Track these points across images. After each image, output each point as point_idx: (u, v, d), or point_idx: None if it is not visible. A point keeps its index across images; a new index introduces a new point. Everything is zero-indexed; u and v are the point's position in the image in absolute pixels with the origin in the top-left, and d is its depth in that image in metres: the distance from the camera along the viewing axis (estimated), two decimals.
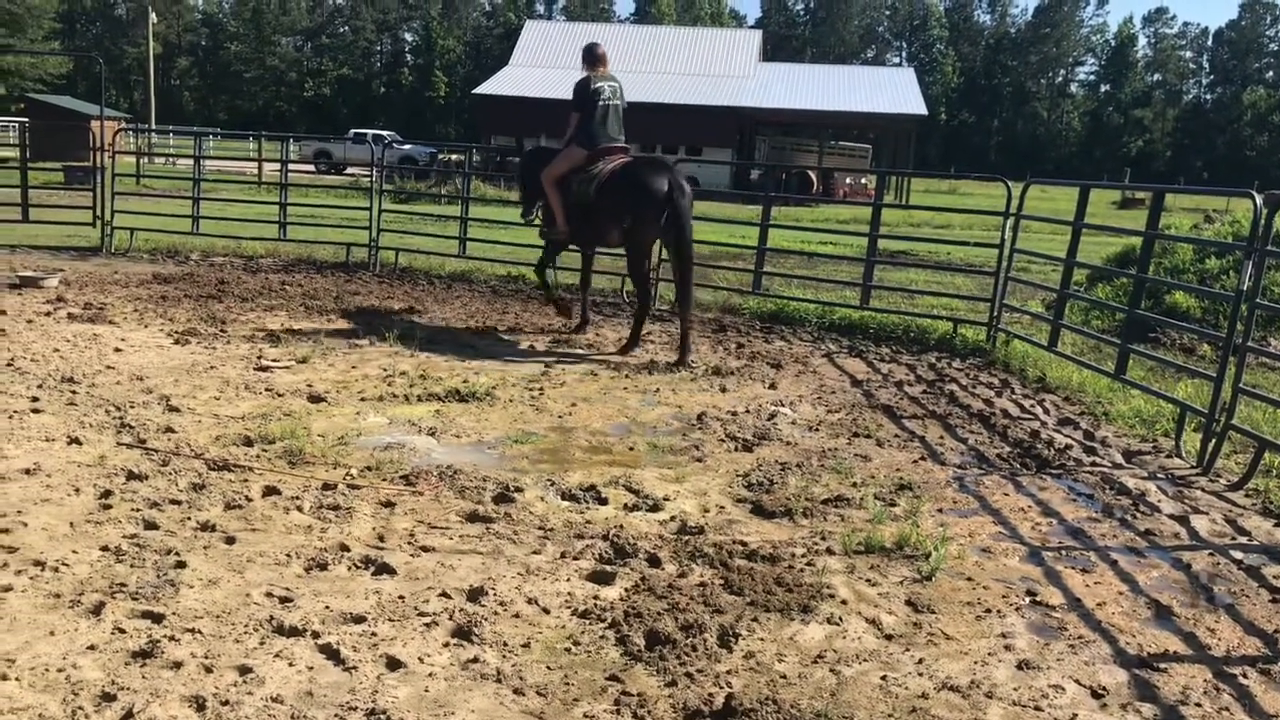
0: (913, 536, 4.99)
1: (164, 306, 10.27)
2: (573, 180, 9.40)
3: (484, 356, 8.93)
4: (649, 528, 5.04)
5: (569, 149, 9.49)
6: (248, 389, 7.26)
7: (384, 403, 7.14)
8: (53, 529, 4.57)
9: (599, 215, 9.24)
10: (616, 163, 9.34)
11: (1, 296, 10.39)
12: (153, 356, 8.13)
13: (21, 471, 5.25)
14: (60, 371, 7.37)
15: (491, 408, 7.18)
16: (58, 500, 4.92)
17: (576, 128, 9.49)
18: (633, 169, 9.19)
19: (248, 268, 13.44)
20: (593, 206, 9.25)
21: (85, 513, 4.78)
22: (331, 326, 9.79)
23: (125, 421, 6.24)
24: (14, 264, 12.50)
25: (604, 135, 9.48)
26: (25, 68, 70.10)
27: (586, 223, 9.42)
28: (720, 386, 8.20)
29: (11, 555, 4.27)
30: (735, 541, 4.90)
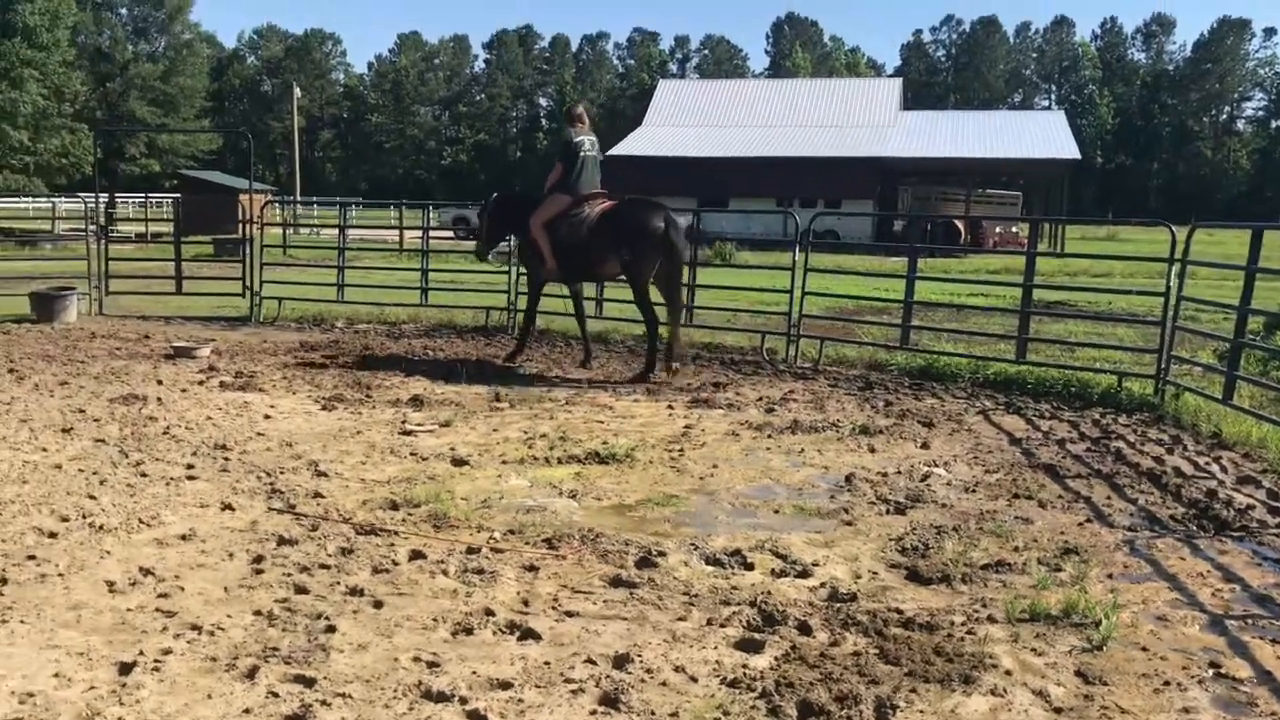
0: (1081, 603, 4.80)
1: (311, 374, 10.72)
2: (560, 224, 10.87)
3: (621, 417, 9.02)
4: (798, 594, 4.99)
5: (555, 196, 10.97)
6: (393, 453, 7.50)
7: (525, 465, 7.27)
8: (208, 593, 4.79)
9: (593, 252, 10.76)
10: (604, 205, 10.92)
11: (158, 366, 11.02)
12: (301, 423, 8.49)
13: (179, 537, 5.53)
14: (213, 439, 7.75)
15: (631, 469, 7.23)
16: (213, 565, 5.16)
17: (560, 178, 11.01)
18: (629, 209, 10.86)
19: (391, 334, 13.94)
20: (585, 244, 10.76)
21: (239, 577, 5.00)
22: (472, 390, 10.05)
23: (275, 487, 6.52)
24: (169, 335, 13.25)
25: (585, 183, 11.03)
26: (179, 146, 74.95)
27: (577, 260, 10.93)
28: (869, 446, 8.08)
29: (170, 619, 4.49)
30: (890, 609, 4.80)
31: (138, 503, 6.10)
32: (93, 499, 6.13)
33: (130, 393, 9.32)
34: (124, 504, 6.06)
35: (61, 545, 5.35)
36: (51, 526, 5.61)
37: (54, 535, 5.49)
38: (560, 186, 11.01)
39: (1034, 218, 20.32)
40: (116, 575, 4.96)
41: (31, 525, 5.62)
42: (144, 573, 5.00)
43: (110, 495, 6.22)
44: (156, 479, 6.63)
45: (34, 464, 6.89)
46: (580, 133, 11.10)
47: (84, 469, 6.80)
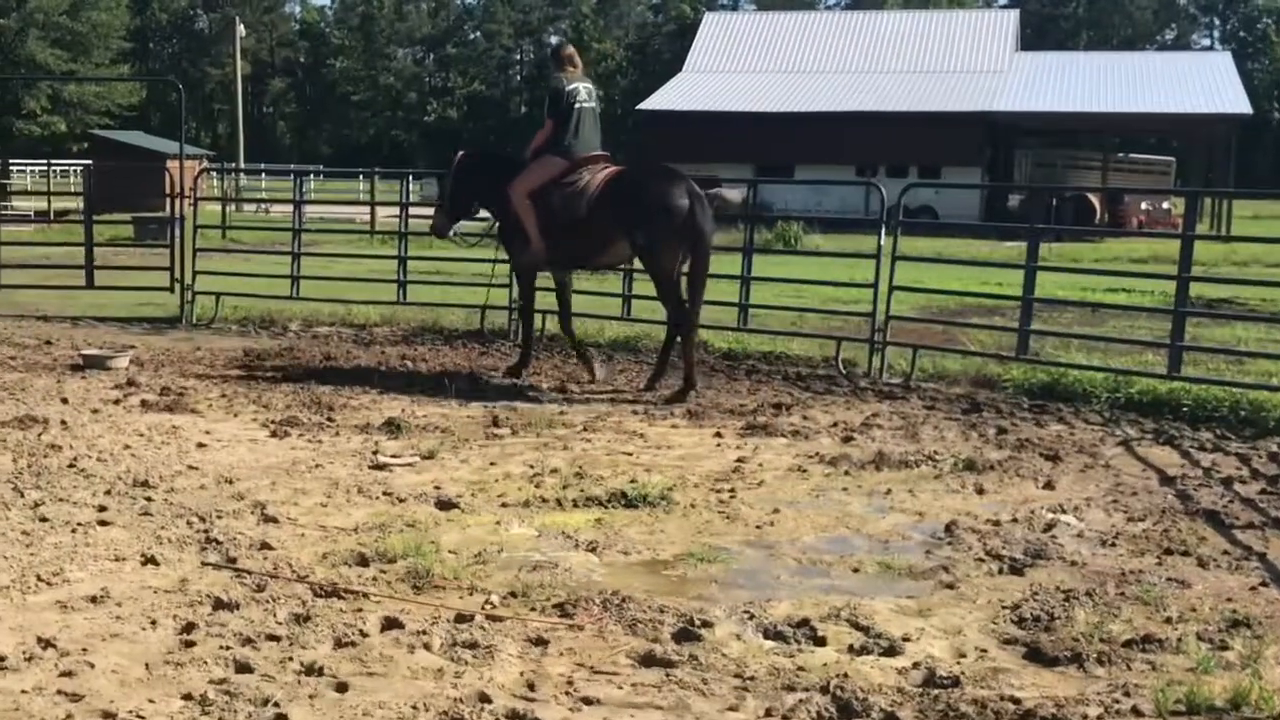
0: (1253, 692, 4.75)
1: (257, 390, 10.80)
2: (551, 194, 10.84)
3: (655, 447, 9.04)
4: (883, 677, 4.97)
5: (544, 159, 10.99)
6: (361, 493, 7.54)
7: (531, 509, 7.29)
8: (124, 671, 4.82)
9: (594, 232, 10.76)
10: (608, 171, 10.94)
11: (62, 380, 11.15)
12: (244, 453, 8.55)
13: (87, 599, 5.58)
14: (132, 473, 7.81)
15: (668, 515, 7.24)
16: (130, 635, 5.19)
17: (551, 136, 10.99)
18: (642, 178, 11.08)
19: (359, 339, 14.06)
20: (584, 222, 10.71)
21: (164, 651, 5.03)
22: (464, 412, 10.10)
23: (211, 536, 6.56)
24: (77, 340, 13.41)
25: (583, 143, 11.03)
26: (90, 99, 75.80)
27: (572, 241, 10.92)
28: (975, 486, 8.05)
29: (76, 705, 4.52)
30: (1004, 697, 4.77)
31: (35, 555, 6.15)
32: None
33: (27, 414, 9.42)
34: (18, 556, 6.11)
35: None
36: None
37: None
38: (551, 147, 11.03)
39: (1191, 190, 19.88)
40: (8, 647, 4.99)
41: None
42: (43, 644, 5.03)
43: (0, 545, 6.28)
44: (59, 524, 6.68)
45: None
46: (572, 79, 11.18)
47: None
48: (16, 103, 68.92)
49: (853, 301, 15.82)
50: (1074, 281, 19.47)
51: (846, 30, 59.78)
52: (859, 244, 21.51)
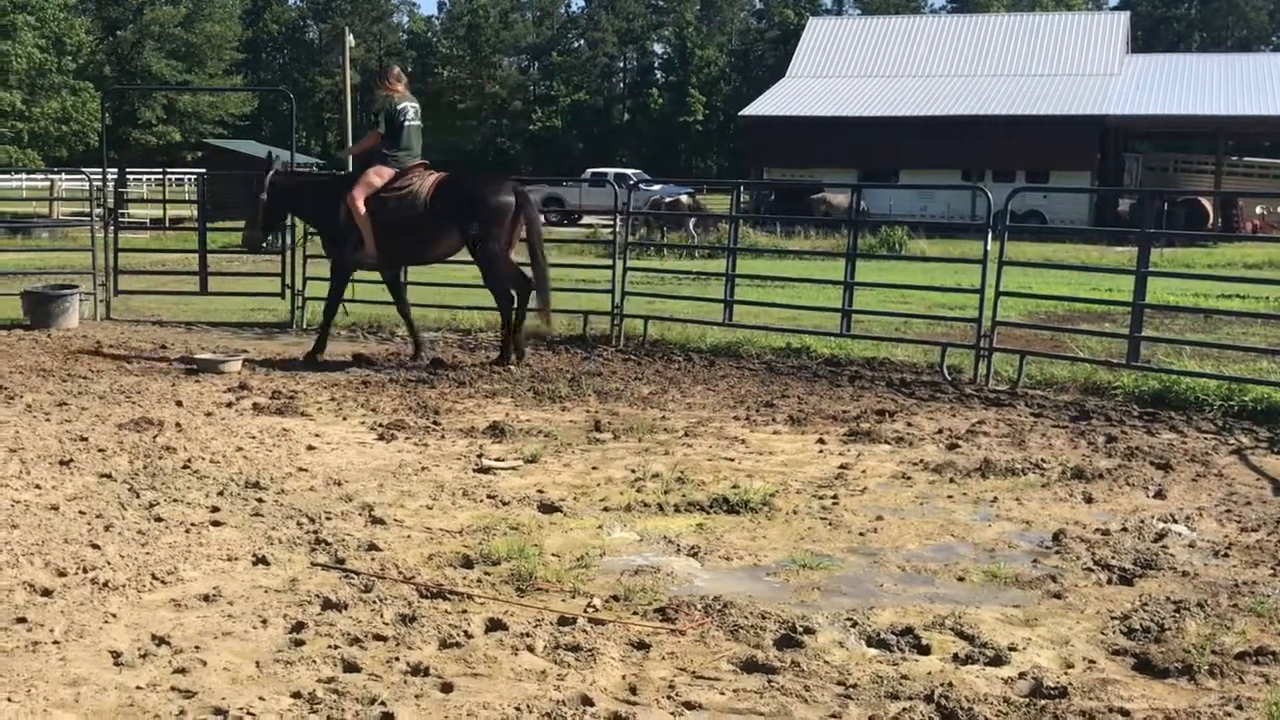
0: None
1: (365, 394, 10.98)
2: (385, 201, 12.23)
3: (757, 453, 9.02)
4: (989, 687, 4.91)
5: (375, 168, 12.40)
6: (466, 495, 7.62)
7: (632, 513, 7.32)
8: (236, 669, 4.92)
9: (427, 231, 12.27)
10: (436, 177, 12.49)
11: (177, 384, 11.40)
12: (352, 455, 8.69)
13: (200, 598, 5.70)
14: (244, 475, 7.97)
15: (770, 521, 7.22)
16: (241, 634, 5.30)
17: (379, 147, 12.57)
18: (474, 182, 12.72)
19: (464, 344, 14.20)
20: (418, 222, 12.19)
21: (274, 650, 5.13)
22: (566, 417, 10.16)
23: (320, 537, 6.67)
24: (191, 344, 13.70)
25: (408, 154, 12.62)
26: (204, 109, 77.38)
27: (408, 239, 12.36)
28: (1084, 495, 7.93)
29: (189, 701, 4.62)
30: (1112, 709, 4.69)
31: (151, 554, 6.31)
32: (96, 548, 6.36)
33: (143, 416, 9.66)
34: (134, 555, 6.27)
35: (58, 605, 5.56)
36: (46, 582, 5.83)
37: (49, 593, 5.71)
38: (380, 158, 12.50)
39: None
40: (124, 644, 5.13)
41: (22, 580, 5.85)
42: (157, 642, 5.16)
43: (117, 544, 6.45)
44: (174, 524, 6.84)
45: (25, 504, 7.19)
46: (401, 98, 12.65)
47: (86, 511, 7.06)
48: (133, 113, 70.54)
49: (958, 307, 15.65)
50: (1186, 287, 19.09)
51: (952, 34, 59.12)
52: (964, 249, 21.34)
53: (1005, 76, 53.34)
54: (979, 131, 48.23)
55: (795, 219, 35.13)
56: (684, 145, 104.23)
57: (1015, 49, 55.81)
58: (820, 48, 58.97)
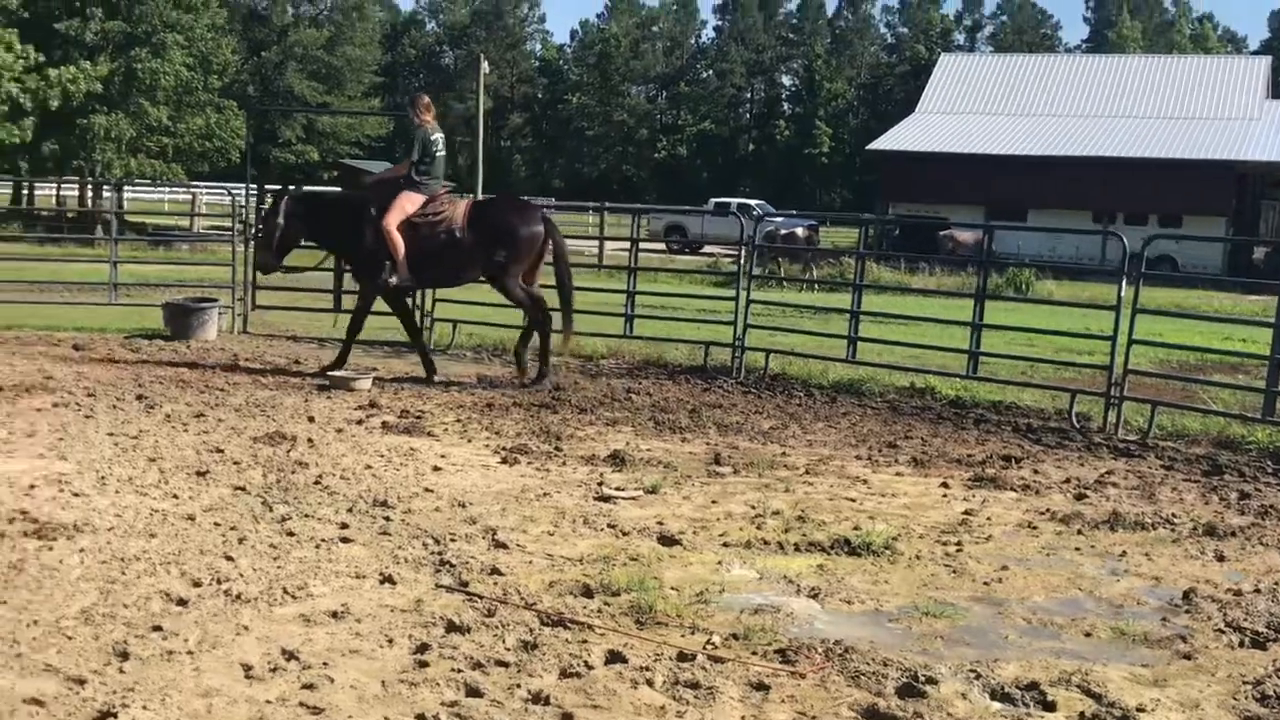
0: None
1: (490, 417, 11.09)
2: (419, 225, 12.68)
3: (879, 494, 8.93)
4: None
5: (405, 194, 12.79)
6: (586, 523, 7.66)
7: (752, 550, 7.28)
8: (362, 688, 4.99)
9: (462, 255, 12.76)
10: (467, 203, 13.14)
11: (309, 399, 11.62)
12: (476, 478, 8.78)
13: (328, 614, 5.79)
14: (372, 493, 8.10)
15: (892, 565, 7.14)
16: (368, 652, 5.37)
17: (410, 174, 12.99)
18: (503, 208, 13.45)
19: (586, 370, 14.28)
20: (452, 247, 12.68)
21: (399, 670, 5.18)
22: (686, 448, 10.16)
23: (445, 558, 6.75)
24: (323, 361, 13.94)
25: (437, 182, 13.21)
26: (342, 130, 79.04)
27: (437, 265, 12.89)
28: (1216, 553, 7.71)
29: (315, 718, 4.70)
30: None
31: (282, 568, 6.43)
32: (230, 560, 6.50)
33: (277, 430, 9.87)
34: (266, 569, 6.40)
35: (192, 615, 5.69)
36: (181, 592, 5.97)
37: (184, 603, 5.84)
38: (411, 185, 12.91)
39: None
40: (254, 657, 5.23)
41: (159, 589, 6.00)
42: (287, 656, 5.25)
43: (250, 557, 6.59)
44: (305, 540, 6.98)
45: (163, 514, 7.37)
46: (432, 129, 13.11)
47: (221, 523, 7.23)
48: (274, 132, 72.26)
49: (1086, 353, 15.39)
50: None
51: (1087, 74, 58.21)
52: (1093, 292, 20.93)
53: (1140, 118, 52.37)
54: (1112, 173, 47.41)
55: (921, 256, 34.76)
56: (809, 177, 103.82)
57: (1152, 91, 54.79)
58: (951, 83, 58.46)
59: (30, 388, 11.29)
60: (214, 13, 53.64)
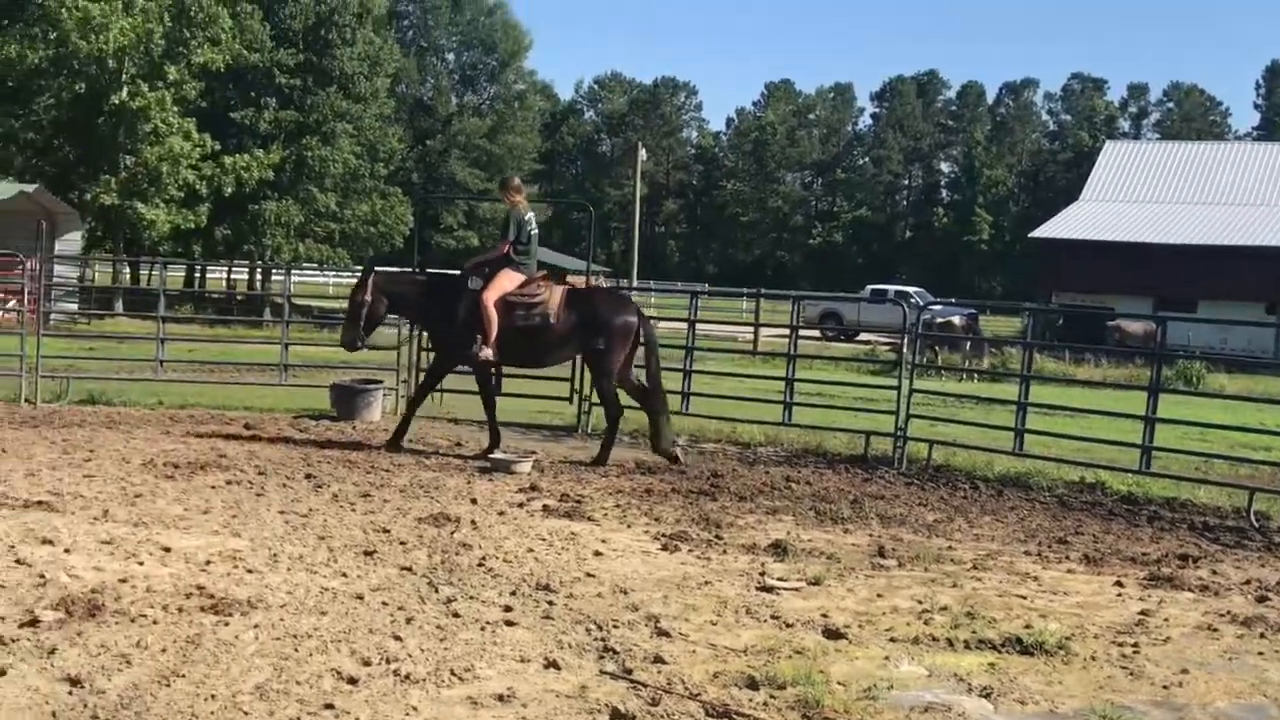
0: None
1: (649, 503, 11.12)
2: (513, 305, 13.06)
3: (1050, 592, 8.71)
4: None
5: (506, 272, 13.22)
6: (749, 614, 7.60)
7: (920, 646, 7.15)
8: None
9: (552, 340, 13.29)
10: (563, 290, 13.42)
11: (471, 481, 11.80)
12: (637, 564, 8.80)
13: (495, 697, 5.84)
14: (535, 577, 8.17)
15: (1066, 665, 6.94)
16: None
17: (508, 254, 13.39)
18: (599, 299, 13.85)
19: (744, 458, 14.24)
20: (545, 332, 13.15)
21: None
22: (849, 540, 10.04)
23: (608, 645, 6.75)
24: (484, 443, 14.14)
25: (534, 262, 13.69)
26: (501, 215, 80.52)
27: (527, 346, 13.28)
28: None
29: None
30: None
31: (449, 650, 6.50)
32: (398, 640, 6.60)
33: (441, 512, 10.03)
34: (433, 649, 6.48)
35: (363, 694, 5.78)
36: (352, 670, 6.07)
37: (354, 681, 5.94)
38: (509, 264, 13.33)
39: None
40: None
41: (330, 666, 6.12)
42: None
43: (418, 637, 6.68)
44: (470, 621, 7.05)
45: (333, 592, 7.53)
46: (525, 209, 13.58)
47: (388, 602, 7.35)
48: (436, 217, 74.05)
49: (1263, 449, 14.88)
50: None
51: (1257, 161, 56.78)
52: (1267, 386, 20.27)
53: None
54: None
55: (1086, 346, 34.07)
56: (967, 264, 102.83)
57: None
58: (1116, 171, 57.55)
59: (205, 465, 11.68)
60: (382, 103, 55.56)
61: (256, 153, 46.13)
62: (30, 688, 5.59)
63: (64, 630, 6.40)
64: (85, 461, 11.67)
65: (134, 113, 41.23)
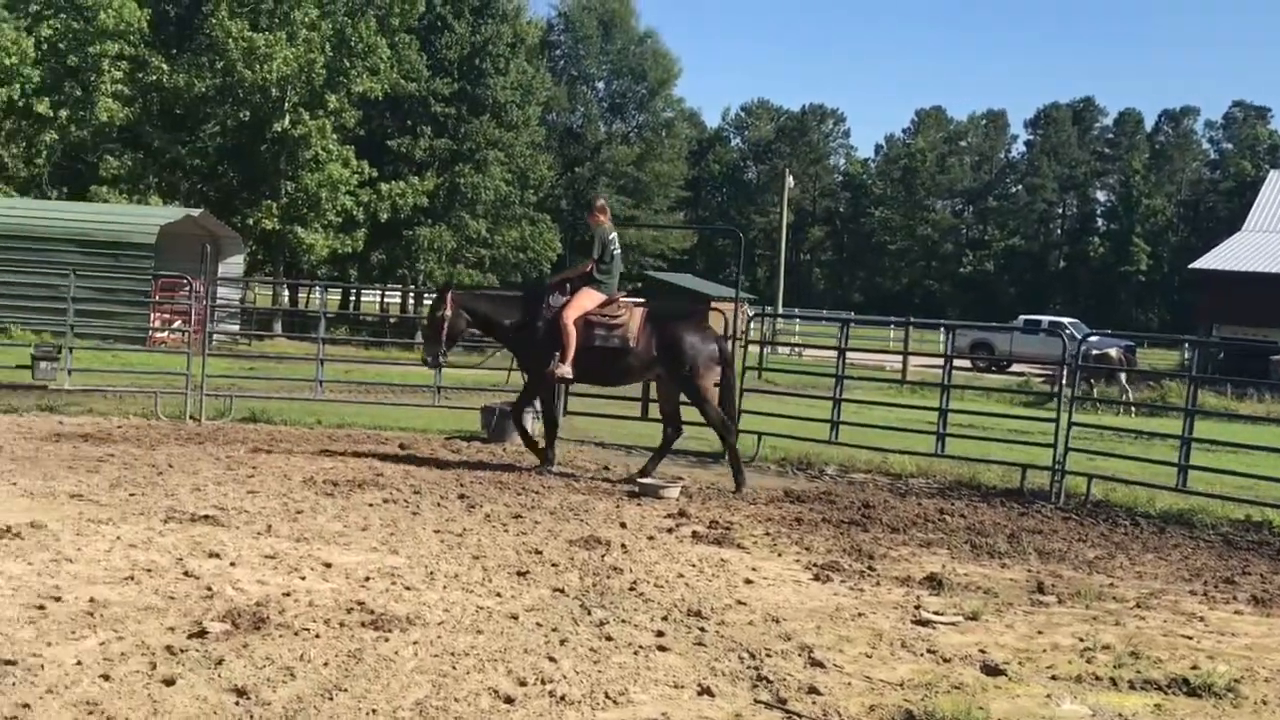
0: None
1: (799, 532, 11.04)
2: (594, 324, 13.21)
3: (1217, 633, 8.42)
4: None
5: (587, 291, 13.38)
6: (904, 647, 7.48)
7: (1083, 685, 6.96)
8: None
9: (631, 363, 13.38)
10: (642, 313, 13.55)
11: (620, 505, 11.85)
12: (788, 593, 8.73)
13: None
14: (686, 602, 8.15)
15: (1236, 709, 6.70)
16: None
17: (591, 274, 13.51)
18: (679, 323, 13.71)
19: (895, 489, 14.07)
20: (623, 354, 13.26)
21: None
22: (1005, 575, 9.85)
23: (761, 673, 6.71)
24: (631, 468, 14.21)
25: (616, 282, 13.81)
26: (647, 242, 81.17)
27: (603, 366, 13.39)
28: None
29: None
30: None
31: (602, 673, 6.52)
32: (552, 661, 6.65)
33: (591, 535, 10.09)
34: (587, 672, 6.51)
35: (519, 714, 5.83)
36: (508, 690, 6.13)
37: (510, 701, 5.99)
38: (591, 283, 13.47)
39: None
40: None
41: (487, 685, 6.18)
42: None
43: (571, 659, 6.72)
44: (622, 645, 7.07)
45: (488, 611, 7.61)
46: (609, 229, 13.69)
47: (542, 623, 7.41)
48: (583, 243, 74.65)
49: None
50: None
51: None
52: None
53: None
54: None
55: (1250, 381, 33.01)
56: (1124, 295, 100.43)
57: None
58: None
59: (362, 483, 11.94)
60: (533, 131, 56.39)
61: (412, 179, 47.23)
62: (199, 697, 5.75)
63: (230, 642, 6.58)
64: (248, 478, 12.01)
65: (295, 140, 42.61)
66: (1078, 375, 16.54)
